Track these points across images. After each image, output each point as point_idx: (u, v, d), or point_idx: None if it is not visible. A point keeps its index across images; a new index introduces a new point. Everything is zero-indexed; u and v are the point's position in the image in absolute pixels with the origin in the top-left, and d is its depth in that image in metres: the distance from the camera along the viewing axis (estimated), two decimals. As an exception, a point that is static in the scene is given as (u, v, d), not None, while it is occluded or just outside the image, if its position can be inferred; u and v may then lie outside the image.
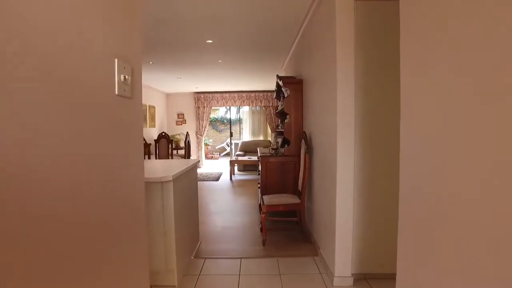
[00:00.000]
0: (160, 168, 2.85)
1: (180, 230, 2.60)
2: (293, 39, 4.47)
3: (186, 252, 2.84)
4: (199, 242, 3.44)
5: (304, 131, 3.70)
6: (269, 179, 4.12)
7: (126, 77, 1.05)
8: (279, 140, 4.93)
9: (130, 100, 1.12)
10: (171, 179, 2.29)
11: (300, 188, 3.62)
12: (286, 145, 4.64)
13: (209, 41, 4.30)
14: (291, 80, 4.24)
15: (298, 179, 3.76)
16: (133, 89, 1.13)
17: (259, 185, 4.60)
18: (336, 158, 2.46)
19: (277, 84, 4.60)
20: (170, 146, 6.38)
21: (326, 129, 2.85)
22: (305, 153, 3.41)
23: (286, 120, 4.22)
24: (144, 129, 8.50)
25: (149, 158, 4.39)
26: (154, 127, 9.32)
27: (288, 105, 4.12)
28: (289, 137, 4.17)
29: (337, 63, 2.40)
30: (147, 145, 4.34)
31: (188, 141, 5.42)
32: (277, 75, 4.43)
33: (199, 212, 3.51)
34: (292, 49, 4.94)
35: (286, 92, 4.08)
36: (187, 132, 5.73)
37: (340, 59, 2.39)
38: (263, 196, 3.72)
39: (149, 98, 8.89)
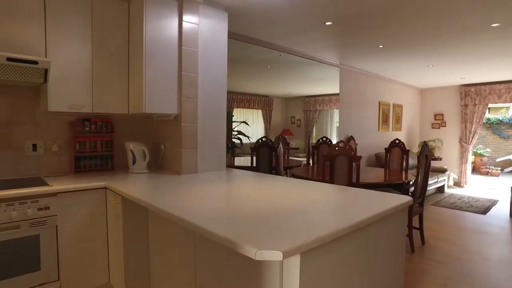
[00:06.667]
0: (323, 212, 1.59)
1: None
2: None
3: None
4: None
5: None
6: None
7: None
8: None
9: None
10: (281, 258, 1.01)
11: None
12: None
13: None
14: None
15: None
16: None
17: None
18: None
19: None
20: (405, 157, 4.69)
21: None
22: None
23: None
24: (386, 132, 7.06)
25: (331, 181, 3.06)
26: (400, 130, 7.63)
27: None
28: None
29: None
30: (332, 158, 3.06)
31: (427, 155, 3.59)
32: None
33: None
34: None
35: None
36: (425, 143, 3.88)
37: None
38: None
39: (391, 94, 7.30)
